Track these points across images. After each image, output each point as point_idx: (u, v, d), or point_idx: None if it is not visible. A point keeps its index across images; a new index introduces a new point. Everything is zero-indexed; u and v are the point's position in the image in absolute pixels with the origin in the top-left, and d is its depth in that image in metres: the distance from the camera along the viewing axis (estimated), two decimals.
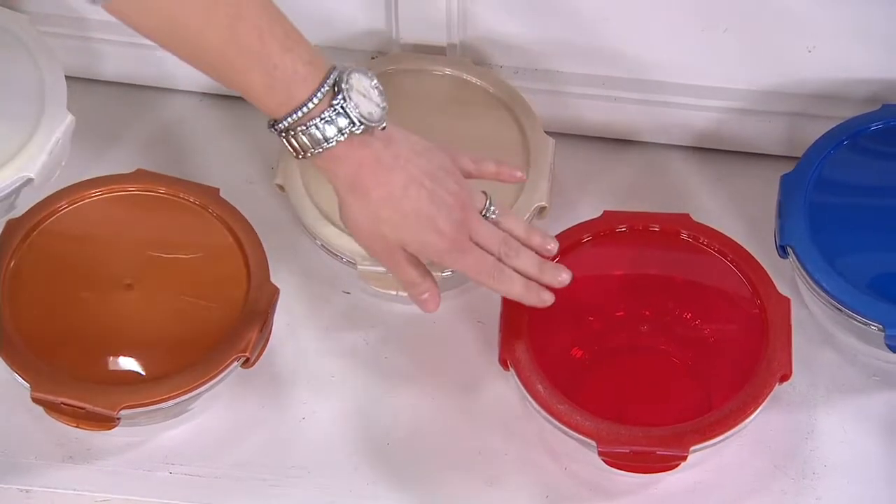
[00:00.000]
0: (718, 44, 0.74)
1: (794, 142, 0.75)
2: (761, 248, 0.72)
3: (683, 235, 0.69)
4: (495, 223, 0.67)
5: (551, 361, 0.68)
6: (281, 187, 0.72)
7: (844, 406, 0.70)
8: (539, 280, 0.67)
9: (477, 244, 0.66)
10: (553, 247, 0.68)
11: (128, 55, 0.78)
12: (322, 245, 0.71)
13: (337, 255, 0.71)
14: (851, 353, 0.71)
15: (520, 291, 0.67)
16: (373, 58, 0.77)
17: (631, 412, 0.68)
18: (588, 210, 0.74)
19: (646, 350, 0.70)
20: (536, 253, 0.68)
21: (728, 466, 0.68)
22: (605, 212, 0.71)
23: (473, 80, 0.74)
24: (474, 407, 0.70)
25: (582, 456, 0.67)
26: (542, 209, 0.72)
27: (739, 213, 0.76)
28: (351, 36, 0.77)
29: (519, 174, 0.69)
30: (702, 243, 0.69)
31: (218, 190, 0.71)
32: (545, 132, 0.76)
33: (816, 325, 0.72)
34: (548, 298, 0.67)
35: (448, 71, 0.75)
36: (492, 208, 0.67)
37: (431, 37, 0.76)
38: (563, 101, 0.78)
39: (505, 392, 0.70)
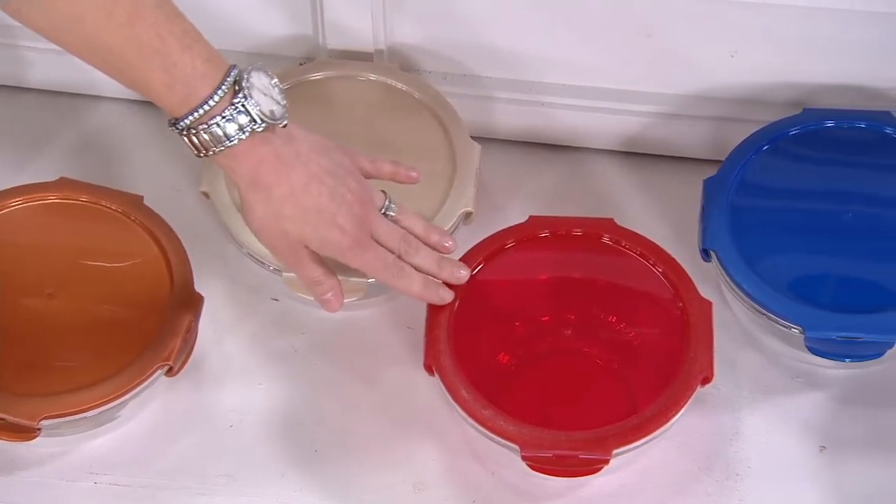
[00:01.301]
0: (643, 49, 0.75)
1: (720, 145, 0.76)
2: (687, 252, 0.73)
3: (606, 239, 0.69)
4: (395, 221, 0.68)
5: (477, 367, 0.68)
6: (206, 194, 0.72)
7: (768, 407, 0.71)
8: (438, 276, 0.68)
9: (377, 241, 0.66)
10: (451, 244, 0.69)
11: (54, 62, 0.77)
12: (248, 253, 0.71)
13: (263, 263, 0.71)
14: (774, 355, 0.72)
15: (419, 289, 0.67)
16: (301, 64, 0.77)
17: (557, 416, 0.68)
18: (516, 215, 0.74)
19: (571, 354, 0.70)
20: (435, 250, 0.69)
21: (653, 469, 0.69)
22: (530, 217, 0.71)
23: (400, 85, 0.75)
24: (402, 413, 0.70)
25: (508, 461, 0.67)
26: (468, 214, 0.72)
27: (666, 217, 0.76)
28: (278, 42, 0.78)
29: (414, 174, 0.69)
30: (624, 247, 0.70)
31: (141, 198, 0.71)
32: (472, 137, 0.76)
33: (740, 328, 0.73)
34: (447, 296, 0.68)
35: (374, 77, 0.75)
36: (391, 206, 0.68)
37: (358, 43, 0.76)
38: (491, 107, 0.79)
39: (433, 398, 0.70)
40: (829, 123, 0.72)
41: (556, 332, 0.70)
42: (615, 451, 0.64)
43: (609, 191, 0.79)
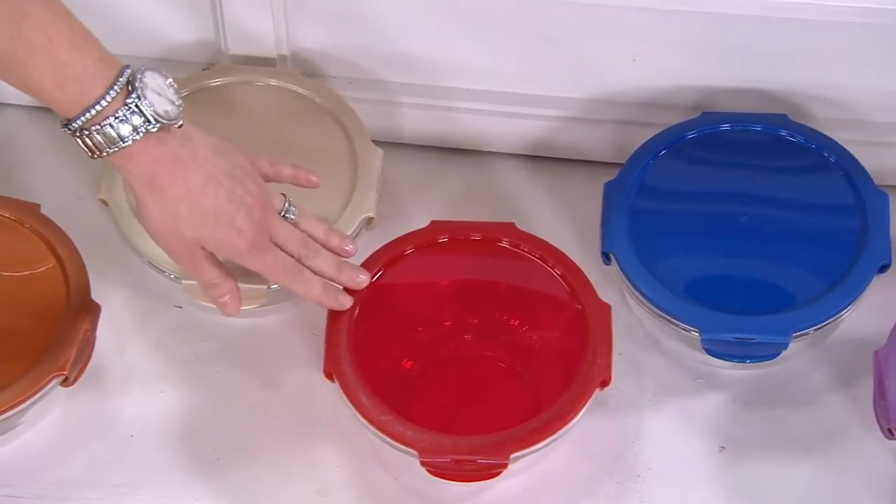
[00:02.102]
0: (546, 54, 0.75)
1: (624, 149, 0.76)
2: (592, 255, 0.73)
3: (505, 243, 0.69)
4: (294, 224, 0.67)
5: (380, 373, 0.68)
6: (104, 202, 0.72)
7: (670, 409, 0.71)
8: (337, 280, 0.68)
9: (276, 244, 0.66)
10: (351, 248, 0.69)
11: None
12: (148, 261, 0.70)
13: (162, 271, 0.70)
14: (676, 357, 0.73)
15: (318, 293, 0.67)
16: (204, 69, 0.77)
17: (461, 421, 0.68)
18: (421, 220, 0.74)
19: (475, 358, 0.70)
20: (336, 254, 0.69)
21: (555, 472, 0.69)
22: (431, 221, 0.72)
23: (301, 90, 0.74)
24: (306, 419, 0.70)
25: (411, 466, 0.67)
26: (370, 220, 0.72)
27: (571, 220, 0.76)
28: (181, 48, 0.77)
29: (314, 178, 0.69)
30: (524, 251, 0.70)
31: (38, 206, 0.70)
32: (378, 142, 0.75)
33: (643, 330, 0.74)
34: (346, 301, 0.68)
35: (275, 82, 0.75)
36: (291, 209, 0.67)
37: (261, 48, 0.76)
38: (397, 112, 0.78)
39: (336, 404, 0.70)
40: (726, 127, 0.72)
41: (459, 337, 0.70)
42: (513, 456, 0.65)
43: (515, 195, 0.79)
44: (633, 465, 0.70)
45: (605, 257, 0.71)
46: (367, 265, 0.69)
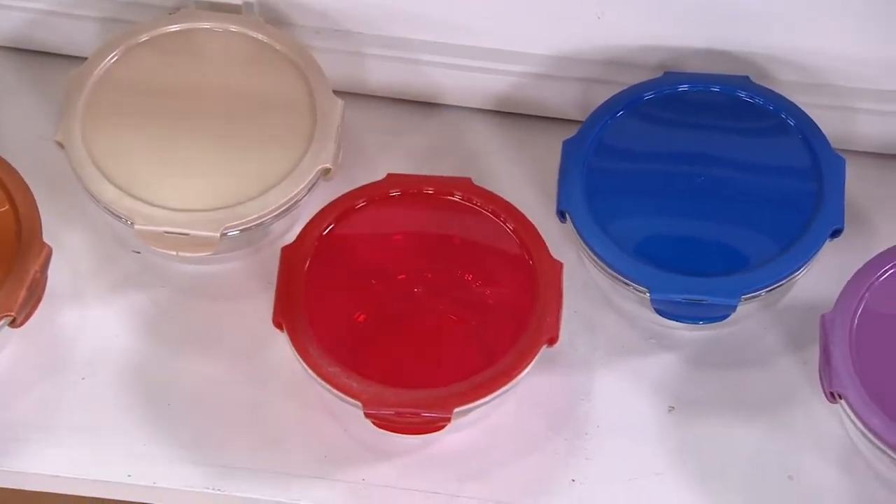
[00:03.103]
0: (512, 8, 0.74)
1: (590, 107, 0.75)
2: (553, 213, 0.72)
3: (459, 198, 0.69)
4: None
5: (332, 325, 0.68)
6: (60, 144, 0.71)
7: (621, 368, 0.71)
8: None
9: None
10: None
11: None
12: (104, 206, 0.70)
13: (117, 216, 0.70)
14: (631, 317, 0.73)
15: None
16: (171, 14, 0.76)
17: (413, 375, 0.68)
18: (383, 173, 0.72)
19: (428, 312, 0.70)
20: None
21: (503, 427, 0.70)
22: (388, 174, 0.71)
23: (262, 38, 0.74)
24: (259, 368, 0.71)
25: (359, 418, 0.67)
26: (326, 171, 0.71)
27: (536, 177, 0.76)
28: None
29: None
30: (479, 206, 0.69)
31: None
32: (345, 94, 0.74)
33: (598, 289, 0.74)
34: None
35: (235, 29, 0.74)
36: None
37: None
38: (363, 63, 0.78)
39: (290, 355, 0.69)
40: (685, 87, 0.71)
41: (413, 291, 0.70)
42: (456, 410, 0.65)
43: (479, 150, 0.78)
44: (583, 422, 0.70)
45: (561, 215, 0.71)
46: (318, 217, 0.69)
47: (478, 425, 0.70)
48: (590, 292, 0.74)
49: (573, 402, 0.71)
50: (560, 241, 0.72)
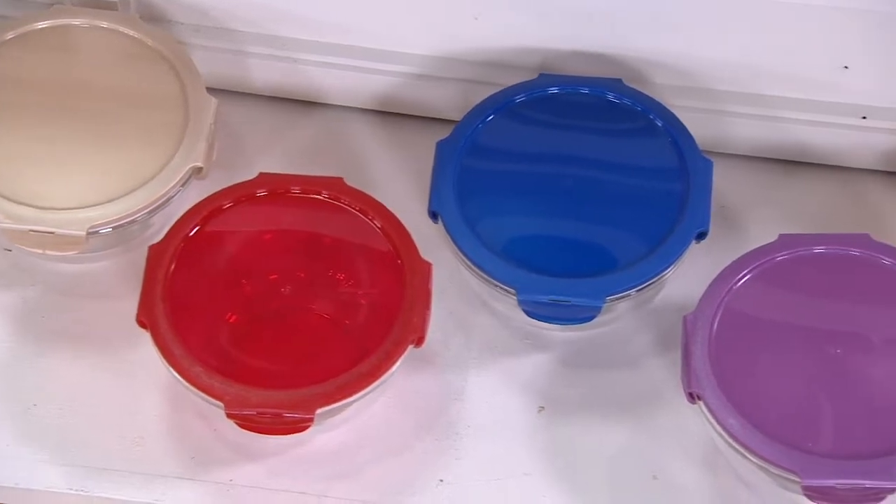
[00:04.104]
0: (393, 8, 0.75)
1: (470, 108, 0.74)
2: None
3: (327, 197, 0.69)
4: None
5: (201, 326, 0.68)
6: None
7: (494, 368, 0.71)
8: None
9: None
10: None
11: None
12: None
13: None
14: (506, 318, 0.73)
15: None
16: (51, 6, 0.76)
17: (284, 375, 0.67)
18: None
19: (301, 312, 0.70)
20: None
21: (374, 427, 0.70)
22: (259, 174, 0.71)
23: (136, 35, 0.74)
24: (128, 368, 0.70)
25: (227, 418, 0.68)
26: (198, 170, 0.71)
27: (416, 177, 0.76)
28: None
29: None
30: (348, 206, 0.69)
31: None
32: (225, 92, 0.75)
33: (473, 290, 0.74)
34: None
35: (110, 25, 0.74)
36: None
37: None
38: (245, 62, 0.78)
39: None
40: (556, 89, 0.72)
41: (286, 291, 0.70)
42: (320, 411, 0.65)
43: (360, 149, 0.78)
44: (454, 422, 0.70)
45: (433, 216, 0.71)
46: (185, 217, 0.69)
47: (348, 425, 0.70)
48: (466, 293, 0.74)
49: (445, 403, 0.71)
50: (439, 241, 0.73)
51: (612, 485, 0.68)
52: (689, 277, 0.71)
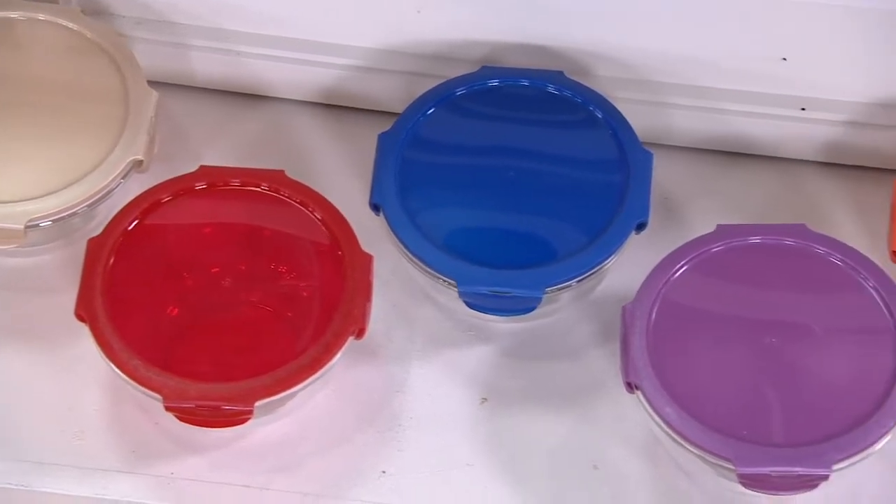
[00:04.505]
0: (336, 0, 0.74)
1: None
2: None
3: (267, 190, 0.69)
4: None
5: (141, 319, 0.68)
6: None
7: (437, 360, 0.71)
8: None
9: None
10: None
11: None
12: None
13: None
14: (450, 311, 0.73)
15: None
16: None
17: (225, 368, 0.67)
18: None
19: (244, 305, 0.70)
20: None
21: (316, 419, 0.69)
22: (200, 167, 0.71)
23: (76, 28, 0.73)
24: (68, 362, 0.70)
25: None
26: (139, 163, 0.71)
27: (360, 170, 0.75)
28: None
29: None
30: (287, 197, 0.69)
31: None
32: (170, 86, 0.75)
33: (416, 283, 0.74)
34: None
35: (48, 18, 0.73)
36: None
37: None
38: (187, 55, 0.78)
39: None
40: (496, 82, 0.72)
41: (227, 284, 0.69)
42: (259, 403, 0.65)
43: (304, 142, 0.78)
44: (396, 414, 0.70)
45: (375, 208, 0.71)
46: (124, 211, 0.69)
47: (291, 417, 0.70)
48: (409, 286, 0.74)
49: (388, 395, 0.71)
50: (383, 234, 0.72)
51: (554, 475, 0.68)
52: (630, 268, 0.71)
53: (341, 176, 0.76)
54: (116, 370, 0.66)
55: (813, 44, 0.73)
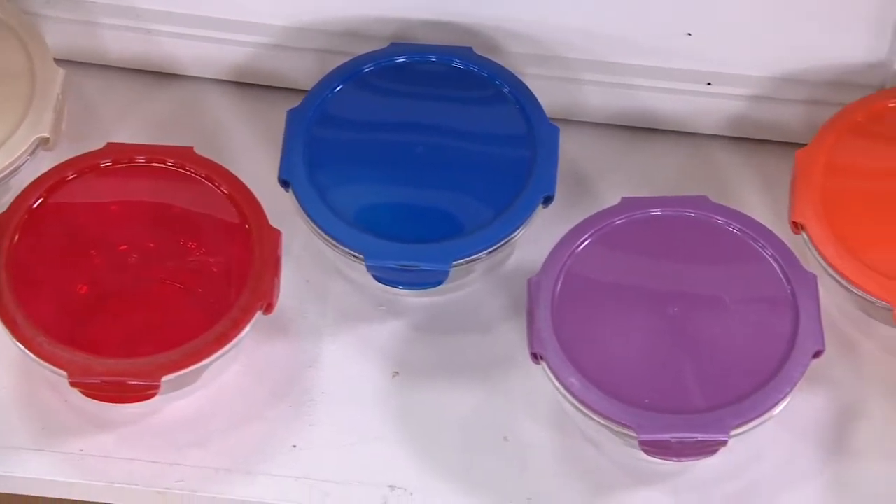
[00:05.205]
0: None
1: None
2: None
3: (171, 165, 0.69)
4: None
5: (48, 296, 0.67)
6: None
7: (349, 335, 0.72)
8: None
9: None
10: None
11: None
12: None
13: None
14: (361, 285, 0.73)
15: None
16: None
17: (134, 343, 0.67)
18: None
19: (153, 282, 0.70)
20: None
21: (228, 394, 0.69)
22: (107, 143, 0.71)
23: None
24: None
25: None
26: (45, 140, 0.71)
27: (273, 147, 0.74)
28: None
29: None
30: (193, 173, 0.69)
31: None
32: (81, 64, 0.75)
33: (329, 259, 0.74)
34: None
35: None
36: None
37: None
38: (99, 33, 0.77)
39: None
40: (403, 59, 0.72)
41: (136, 261, 0.69)
42: (165, 378, 0.65)
43: (218, 121, 0.78)
44: (308, 389, 0.70)
45: (284, 184, 0.72)
46: (28, 189, 0.68)
47: (202, 393, 0.70)
48: (322, 262, 0.74)
49: (300, 370, 0.71)
50: (296, 210, 0.71)
51: (464, 447, 0.69)
52: (541, 242, 0.72)
53: (253, 153, 0.77)
54: (21, 347, 0.66)
55: (717, 19, 0.74)
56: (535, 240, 0.72)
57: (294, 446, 0.69)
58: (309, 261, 0.73)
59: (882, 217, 0.68)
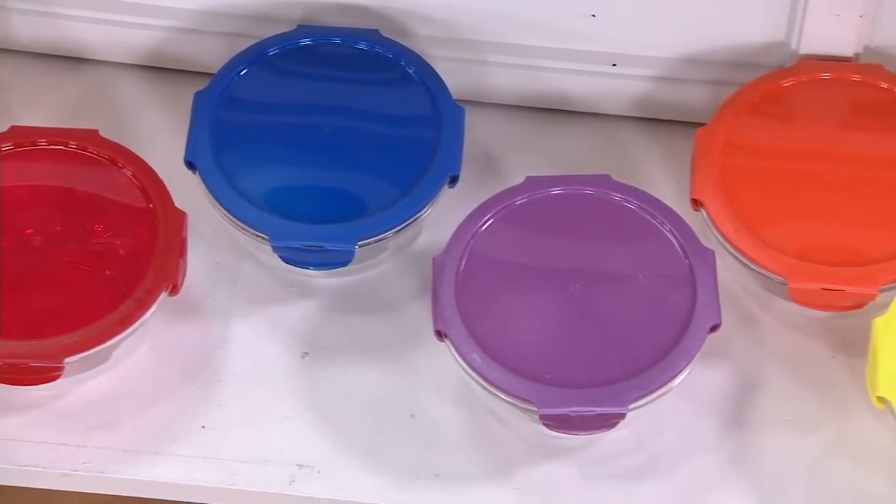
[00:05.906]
0: None
1: None
2: None
3: (73, 148, 0.69)
4: None
5: None
6: None
7: (259, 317, 0.72)
8: None
9: None
10: None
11: None
12: None
13: None
14: (271, 267, 0.74)
15: None
16: None
17: (41, 326, 0.67)
18: None
19: (59, 265, 0.69)
20: None
21: (136, 376, 0.69)
22: (11, 126, 0.71)
23: None
24: None
25: None
26: None
27: (184, 132, 0.73)
28: None
29: None
30: (96, 155, 0.69)
31: None
32: None
33: (238, 241, 0.73)
34: None
35: None
36: None
37: None
38: (7, 17, 0.76)
39: None
40: (309, 41, 0.73)
41: (43, 244, 0.69)
42: (69, 360, 0.65)
43: (128, 105, 0.78)
44: (217, 370, 0.71)
45: (190, 166, 0.72)
46: None
47: (110, 374, 0.70)
48: (232, 244, 0.74)
49: (209, 351, 0.71)
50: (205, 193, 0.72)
51: (372, 425, 0.69)
52: (449, 223, 0.72)
53: (162, 136, 0.77)
54: None
55: (621, 1, 0.75)
56: (444, 220, 0.72)
57: (203, 427, 0.69)
58: (219, 244, 0.74)
59: (779, 194, 0.69)
